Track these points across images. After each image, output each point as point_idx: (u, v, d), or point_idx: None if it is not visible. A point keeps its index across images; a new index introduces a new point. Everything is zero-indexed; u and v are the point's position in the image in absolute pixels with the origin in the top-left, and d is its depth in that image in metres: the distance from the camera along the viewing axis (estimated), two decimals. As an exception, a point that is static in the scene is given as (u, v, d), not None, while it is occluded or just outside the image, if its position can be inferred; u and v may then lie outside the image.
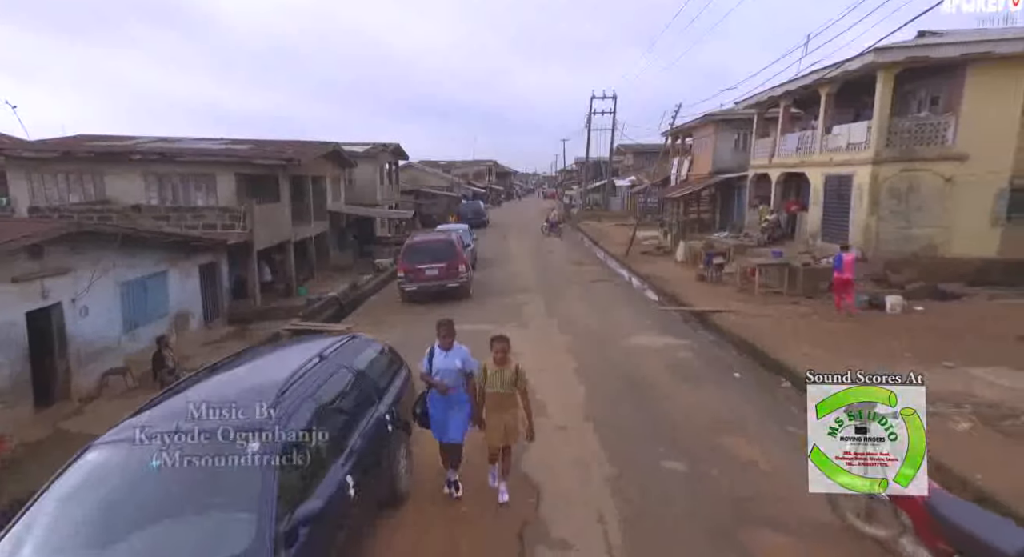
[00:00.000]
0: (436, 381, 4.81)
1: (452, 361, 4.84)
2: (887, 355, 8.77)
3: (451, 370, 4.82)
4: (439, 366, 4.86)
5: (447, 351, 4.90)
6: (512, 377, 4.76)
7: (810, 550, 4.16)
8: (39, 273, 8.78)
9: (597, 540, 4.27)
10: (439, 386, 4.79)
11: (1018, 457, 5.56)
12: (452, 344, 4.94)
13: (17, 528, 2.92)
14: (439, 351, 4.91)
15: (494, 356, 4.80)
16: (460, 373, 4.85)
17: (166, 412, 3.58)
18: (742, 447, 5.79)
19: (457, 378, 4.85)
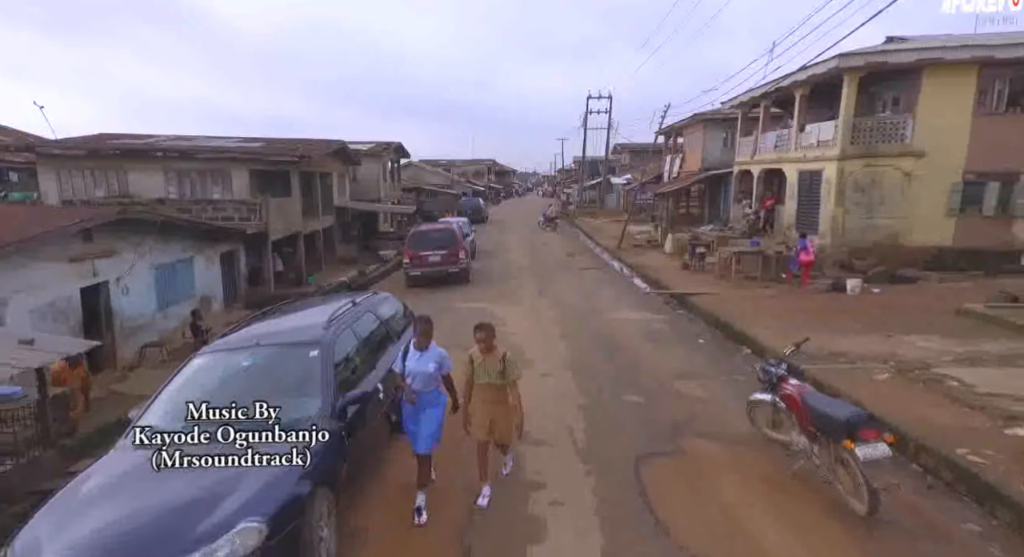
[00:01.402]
0: (405, 386, 4.47)
1: (426, 364, 4.44)
2: (838, 327, 10.07)
3: (424, 373, 4.44)
4: (411, 368, 4.46)
5: (422, 352, 4.48)
6: (499, 366, 4.49)
7: (732, 451, 5.49)
8: (90, 254, 10.13)
9: (566, 441, 5.65)
10: (407, 395, 4.44)
11: (912, 394, 6.88)
12: (428, 345, 4.51)
13: (154, 400, 4.29)
14: (413, 352, 4.51)
15: (478, 345, 4.55)
16: (431, 377, 4.48)
17: (245, 335, 4.93)
18: (693, 389, 7.13)
19: (429, 382, 4.48)
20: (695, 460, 5.29)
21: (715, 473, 5.03)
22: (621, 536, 4.12)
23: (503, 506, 4.56)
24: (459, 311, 11.58)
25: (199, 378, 4.42)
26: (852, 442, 4.17)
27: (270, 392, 4.15)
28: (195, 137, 21.17)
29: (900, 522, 4.35)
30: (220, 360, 4.59)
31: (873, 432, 4.19)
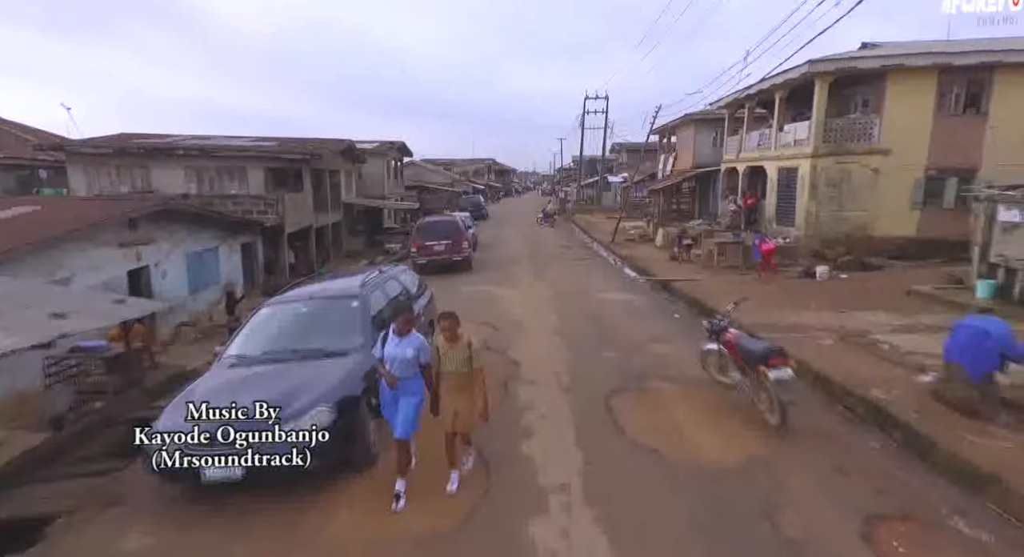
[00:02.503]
0: (384, 371, 4.61)
1: (404, 349, 4.59)
2: (799, 305, 11.47)
3: (403, 358, 4.59)
4: (390, 353, 4.61)
5: (401, 338, 4.66)
6: (465, 353, 4.59)
7: (684, 389, 6.90)
8: (135, 241, 11.53)
9: (552, 381, 7.10)
10: (387, 377, 4.59)
11: (847, 354, 8.25)
12: (409, 331, 4.69)
13: (237, 336, 5.71)
14: (392, 337, 4.68)
15: (443, 334, 4.64)
16: (411, 363, 4.61)
17: (297, 293, 6.35)
18: (662, 348, 8.55)
19: (408, 368, 4.62)
20: (654, 394, 6.71)
21: (668, 401, 6.45)
22: (588, 435, 5.55)
23: (503, 420, 5.96)
24: (463, 293, 12.99)
25: (267, 322, 5.85)
26: (766, 367, 5.57)
27: (322, 331, 5.57)
28: (211, 136, 22.58)
29: (807, 435, 5.72)
30: (281, 309, 6.02)
31: (781, 359, 5.59)
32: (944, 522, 4.32)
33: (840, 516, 4.32)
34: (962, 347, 6.15)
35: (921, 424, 5.79)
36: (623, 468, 4.98)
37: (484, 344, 8.81)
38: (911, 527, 4.24)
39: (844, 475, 4.98)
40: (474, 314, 10.62)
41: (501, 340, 9.04)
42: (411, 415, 4.64)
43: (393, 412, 4.68)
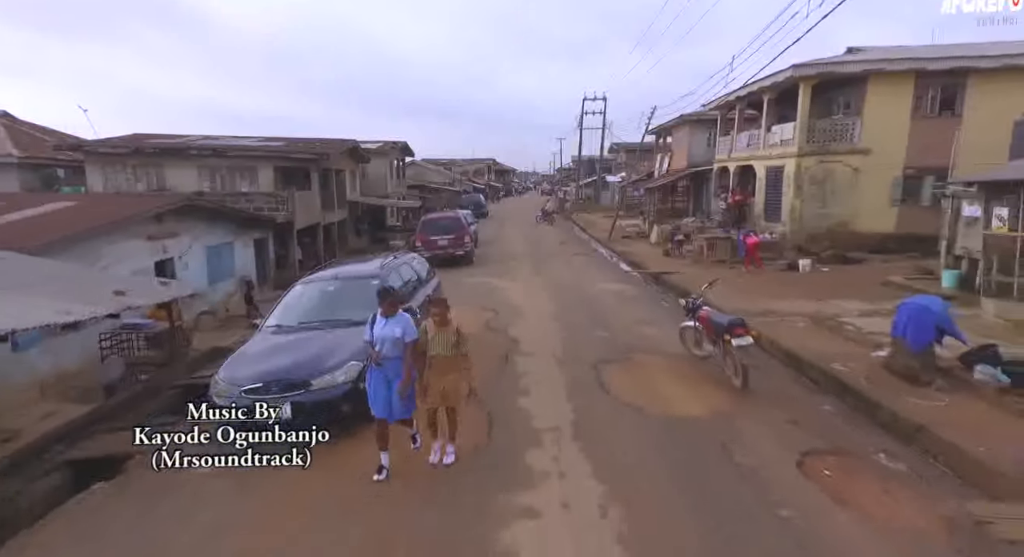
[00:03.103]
0: (372, 352, 4.83)
1: (392, 329, 4.82)
2: (781, 295, 12.42)
3: (391, 337, 4.80)
4: (379, 334, 4.84)
5: (388, 319, 4.89)
6: (453, 339, 4.85)
7: (665, 360, 7.87)
8: (161, 235, 12.47)
9: (547, 354, 8.12)
10: (374, 356, 4.81)
11: (816, 334, 9.20)
12: (395, 312, 4.93)
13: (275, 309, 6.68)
14: (380, 319, 4.91)
15: (433, 319, 4.91)
16: (399, 343, 4.82)
17: (324, 274, 7.31)
18: (648, 329, 9.52)
19: (394, 347, 4.82)
20: (638, 363, 7.68)
21: (649, 369, 7.42)
22: (577, 393, 6.54)
23: (503, 383, 6.93)
24: (465, 284, 13.96)
25: (300, 298, 6.82)
26: (731, 336, 6.53)
27: (348, 305, 6.53)
28: (222, 136, 23.53)
29: (770, 397, 6.67)
30: (312, 287, 6.99)
31: (742, 329, 6.55)
32: (869, 457, 5.28)
33: (782, 451, 5.27)
34: (906, 323, 7.11)
35: (869, 390, 6.75)
36: (605, 417, 5.94)
37: (486, 325, 9.82)
38: (839, 459, 5.20)
39: (793, 425, 5.93)
40: (476, 301, 11.60)
41: (501, 321, 10.02)
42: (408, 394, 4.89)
43: (378, 393, 4.85)
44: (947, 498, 4.55)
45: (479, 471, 4.95)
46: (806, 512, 4.30)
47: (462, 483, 4.77)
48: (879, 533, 4.07)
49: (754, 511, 4.32)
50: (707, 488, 4.63)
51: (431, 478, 4.88)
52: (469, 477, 4.86)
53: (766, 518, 4.24)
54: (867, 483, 4.81)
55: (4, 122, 20.92)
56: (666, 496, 4.53)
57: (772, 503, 4.41)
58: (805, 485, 4.72)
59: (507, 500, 4.44)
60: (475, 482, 4.75)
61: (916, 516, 4.29)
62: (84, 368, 9.04)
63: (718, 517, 4.23)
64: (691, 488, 4.63)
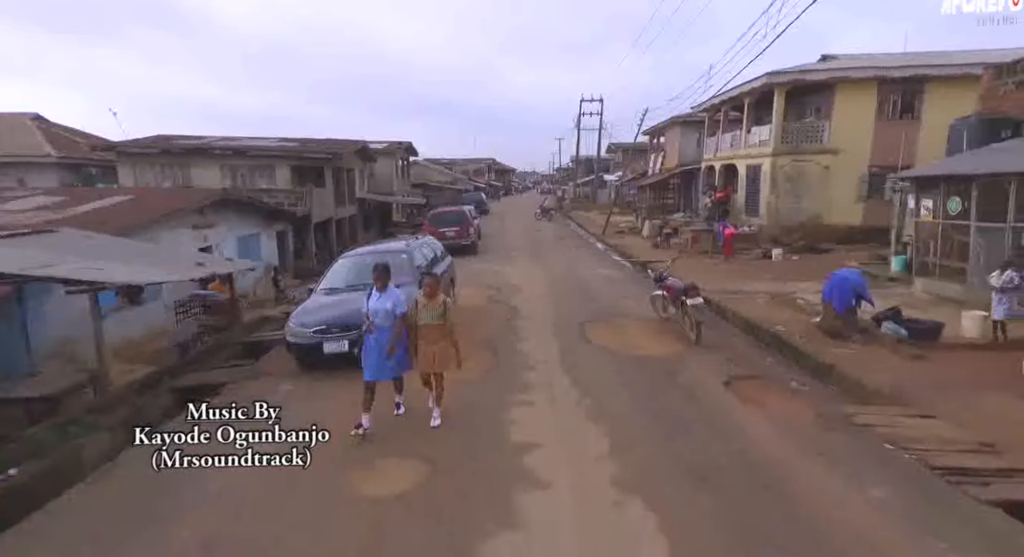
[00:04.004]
0: (368, 321, 5.48)
1: (384, 303, 5.47)
2: (751, 278, 14.28)
3: (383, 309, 5.44)
4: (373, 306, 5.50)
5: (381, 293, 5.54)
6: (440, 309, 5.52)
7: (638, 321, 9.75)
8: (202, 225, 14.29)
9: (542, 318, 10.02)
10: (368, 326, 5.47)
11: (772, 307, 11.01)
12: (386, 286, 5.55)
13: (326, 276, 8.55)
14: (375, 293, 5.58)
15: (424, 291, 5.60)
16: (390, 314, 5.42)
17: (361, 251, 9.16)
18: (628, 302, 11.38)
19: (388, 317, 5.44)
20: (615, 324, 9.58)
21: (624, 327, 9.32)
22: (564, 341, 8.47)
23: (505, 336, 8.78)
24: (472, 270, 15.84)
25: (344, 268, 8.70)
26: (686, 298, 8.37)
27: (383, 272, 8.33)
28: (241, 138, 25.38)
29: (719, 348, 8.49)
30: (352, 260, 8.87)
31: (695, 292, 8.41)
32: (782, 382, 7.12)
33: (715, 376, 7.13)
34: (831, 290, 8.96)
35: (801, 343, 8.56)
36: (584, 355, 7.85)
37: (491, 298, 11.70)
38: (757, 382, 7.06)
39: (730, 362, 7.78)
40: (481, 282, 13.47)
41: (503, 296, 11.94)
42: (400, 356, 5.62)
43: (369, 357, 5.55)
44: (829, 404, 6.39)
45: (493, 382, 6.92)
46: (720, 406, 6.18)
47: (483, 389, 6.71)
48: (768, 418, 5.93)
49: (684, 406, 6.18)
50: (653, 394, 6.51)
51: (473, 383, 6.76)
52: (487, 386, 6.82)
53: (691, 409, 6.12)
54: (773, 395, 6.67)
55: (39, 124, 22.74)
56: (623, 398, 6.41)
57: (697, 401, 6.29)
58: (725, 394, 6.58)
59: (512, 397, 6.38)
60: (491, 388, 6.71)
61: (799, 411, 6.14)
62: (145, 337, 10.86)
63: (658, 409, 6.11)
64: (642, 394, 6.50)
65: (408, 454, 5.07)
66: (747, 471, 4.81)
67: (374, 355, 5.54)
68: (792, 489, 4.55)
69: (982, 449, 5.27)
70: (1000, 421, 5.67)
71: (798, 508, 4.27)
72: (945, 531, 3.92)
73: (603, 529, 4.03)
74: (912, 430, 5.69)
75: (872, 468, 4.85)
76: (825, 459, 5.04)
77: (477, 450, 5.24)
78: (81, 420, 6.30)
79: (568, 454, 5.09)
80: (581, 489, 4.47)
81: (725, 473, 4.76)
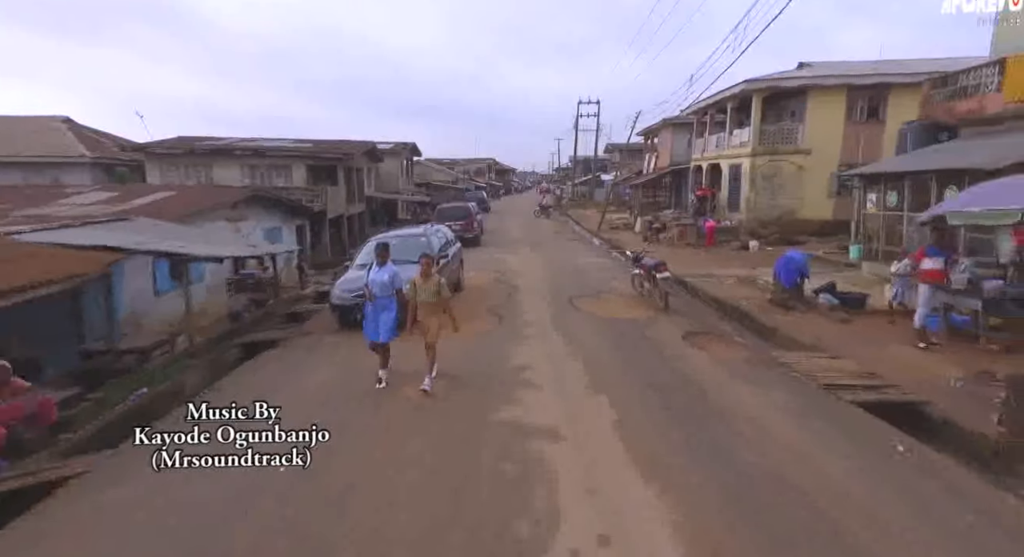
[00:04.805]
0: (367, 291, 6.50)
1: (382, 275, 6.48)
2: (726, 265, 16.17)
3: (380, 281, 6.48)
4: (372, 278, 6.49)
5: (380, 267, 6.58)
6: (435, 288, 6.30)
7: (620, 296, 11.65)
8: (235, 218, 16.15)
9: (538, 293, 11.93)
10: (368, 295, 6.47)
11: (737, 287, 12.91)
12: (385, 262, 6.56)
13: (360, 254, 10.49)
14: (375, 267, 6.61)
15: (420, 270, 6.38)
16: (386, 286, 6.45)
17: (389, 234, 11.09)
18: (615, 283, 13.30)
19: (384, 288, 6.46)
20: (600, 298, 11.50)
21: (607, 300, 11.22)
22: (556, 309, 10.38)
23: (508, 307, 10.66)
24: (476, 258, 17.75)
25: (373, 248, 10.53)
26: (656, 272, 10.26)
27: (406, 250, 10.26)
28: (257, 138, 27.27)
29: (685, 315, 10.36)
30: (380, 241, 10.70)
31: (664, 267, 10.31)
32: (730, 337, 9.03)
33: (676, 332, 9.04)
34: (780, 268, 10.84)
35: (754, 312, 10.46)
36: (573, 319, 9.78)
37: (494, 279, 13.60)
38: (708, 336, 8.97)
39: (691, 324, 9.67)
40: (485, 267, 15.36)
41: (505, 277, 13.90)
42: (389, 325, 6.52)
43: (369, 322, 6.62)
44: (761, 351, 8.27)
45: (499, 334, 8.96)
46: (675, 350, 8.09)
47: (492, 337, 8.76)
48: (710, 358, 7.84)
49: (653, 356, 8.06)
50: (623, 342, 8.44)
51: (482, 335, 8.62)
52: (494, 336, 8.87)
53: (652, 351, 8.03)
54: (719, 344, 8.57)
55: (70, 127, 24.61)
56: (599, 344, 8.35)
57: (658, 347, 8.21)
58: (681, 343, 8.50)
59: (516, 343, 8.38)
60: (498, 337, 8.76)
61: (736, 354, 8.05)
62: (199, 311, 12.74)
63: (626, 350, 8.03)
64: (614, 342, 8.43)
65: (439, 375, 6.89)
66: (685, 385, 6.72)
67: (372, 320, 6.61)
68: (714, 394, 6.44)
69: (865, 376, 7.16)
70: (888, 361, 7.54)
71: (714, 403, 6.17)
72: (809, 413, 5.84)
73: (575, 407, 6.00)
74: (819, 366, 7.57)
75: (777, 384, 6.75)
76: (744, 379, 6.94)
77: (489, 369, 7.22)
78: (179, 362, 8.20)
79: (554, 373, 7.04)
80: (562, 390, 6.43)
81: (668, 385, 6.67)
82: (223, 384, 7.15)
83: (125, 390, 6.85)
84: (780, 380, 6.90)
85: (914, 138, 14.07)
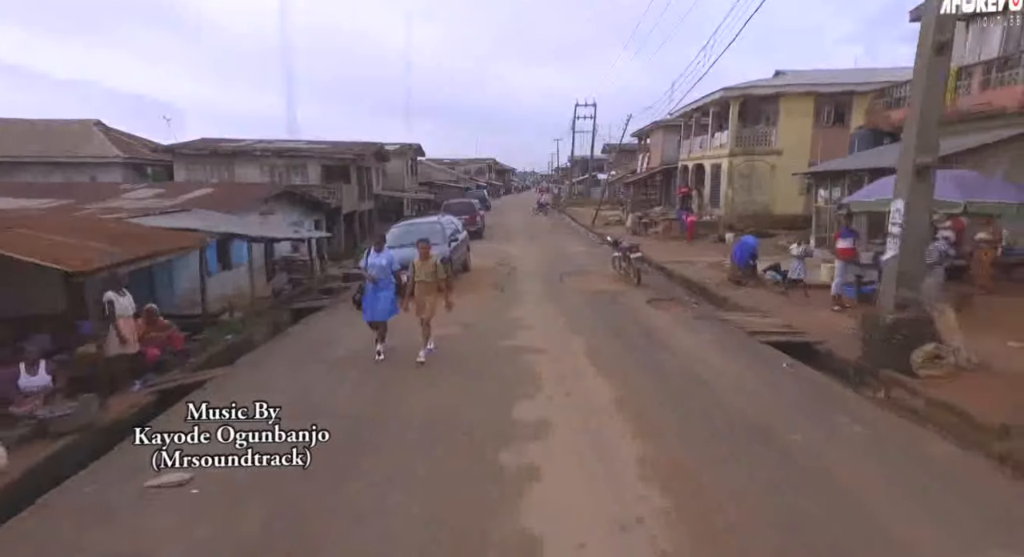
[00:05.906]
0: (367, 274, 7.28)
1: (380, 260, 7.30)
2: (701, 253, 18.46)
3: (379, 265, 7.25)
4: (371, 262, 7.31)
5: (378, 253, 7.40)
6: (432, 268, 7.13)
7: (601, 274, 14.00)
8: (265, 211, 18.42)
9: (534, 273, 14.27)
10: (368, 276, 7.22)
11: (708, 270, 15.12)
12: (382, 249, 7.47)
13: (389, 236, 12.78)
14: (373, 253, 7.43)
15: (420, 253, 7.25)
16: (384, 269, 7.23)
17: (408, 222, 13.46)
18: (600, 266, 15.57)
19: (382, 271, 7.20)
20: (585, 276, 13.87)
21: (591, 278, 13.59)
22: (548, 284, 12.79)
23: (509, 284, 12.95)
24: (480, 248, 20.09)
25: (398, 231, 12.93)
26: (631, 253, 12.58)
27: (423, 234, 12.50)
28: (275, 140, 29.57)
29: (655, 289, 12.66)
30: (402, 228, 13.14)
31: (636, 249, 12.63)
32: (685, 301, 11.35)
33: (643, 299, 11.36)
34: (736, 251, 13.15)
35: (713, 288, 12.75)
36: (561, 291, 12.15)
37: (497, 263, 15.91)
38: (668, 301, 11.28)
39: (657, 294, 11.97)
40: (488, 255, 17.69)
41: (505, 262, 16.31)
42: (387, 305, 7.32)
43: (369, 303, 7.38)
44: (709, 313, 10.56)
45: (501, 301, 11.31)
46: (640, 311, 10.43)
47: (495, 302, 11.15)
48: (667, 315, 10.16)
49: (621, 314, 10.37)
50: (599, 307, 10.78)
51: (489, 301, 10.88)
52: (497, 302, 11.26)
53: (621, 312, 10.38)
54: (677, 307, 10.90)
55: (101, 129, 26.90)
56: (580, 307, 10.70)
57: (626, 309, 10.55)
58: (645, 306, 10.82)
59: (515, 305, 10.79)
60: (500, 303, 11.16)
61: (688, 314, 10.36)
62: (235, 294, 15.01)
63: (601, 311, 10.38)
64: (592, 306, 10.79)
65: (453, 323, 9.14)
66: (640, 330, 9.06)
67: (370, 301, 7.39)
68: (661, 335, 8.77)
69: (784, 328, 9.45)
70: (808, 318, 9.79)
71: (660, 340, 8.51)
72: (729, 347, 8.18)
73: (557, 340, 8.43)
74: (750, 321, 9.87)
75: (712, 331, 9.07)
76: (688, 328, 9.28)
77: (495, 319, 9.70)
78: (248, 321, 10.49)
79: (544, 323, 9.46)
80: (548, 330, 8.89)
81: (627, 330, 9.02)
82: (295, 330, 9.69)
83: (219, 334, 9.15)
84: (716, 328, 9.23)
85: (862, 142, 16.39)
